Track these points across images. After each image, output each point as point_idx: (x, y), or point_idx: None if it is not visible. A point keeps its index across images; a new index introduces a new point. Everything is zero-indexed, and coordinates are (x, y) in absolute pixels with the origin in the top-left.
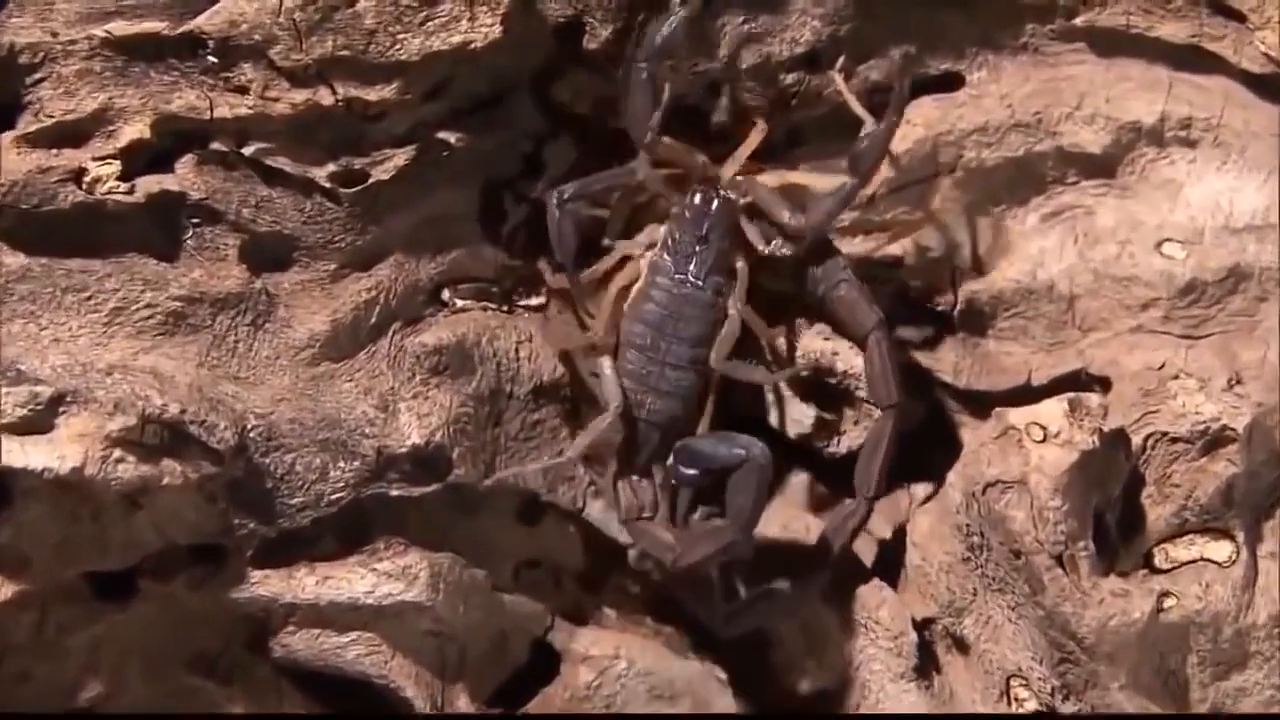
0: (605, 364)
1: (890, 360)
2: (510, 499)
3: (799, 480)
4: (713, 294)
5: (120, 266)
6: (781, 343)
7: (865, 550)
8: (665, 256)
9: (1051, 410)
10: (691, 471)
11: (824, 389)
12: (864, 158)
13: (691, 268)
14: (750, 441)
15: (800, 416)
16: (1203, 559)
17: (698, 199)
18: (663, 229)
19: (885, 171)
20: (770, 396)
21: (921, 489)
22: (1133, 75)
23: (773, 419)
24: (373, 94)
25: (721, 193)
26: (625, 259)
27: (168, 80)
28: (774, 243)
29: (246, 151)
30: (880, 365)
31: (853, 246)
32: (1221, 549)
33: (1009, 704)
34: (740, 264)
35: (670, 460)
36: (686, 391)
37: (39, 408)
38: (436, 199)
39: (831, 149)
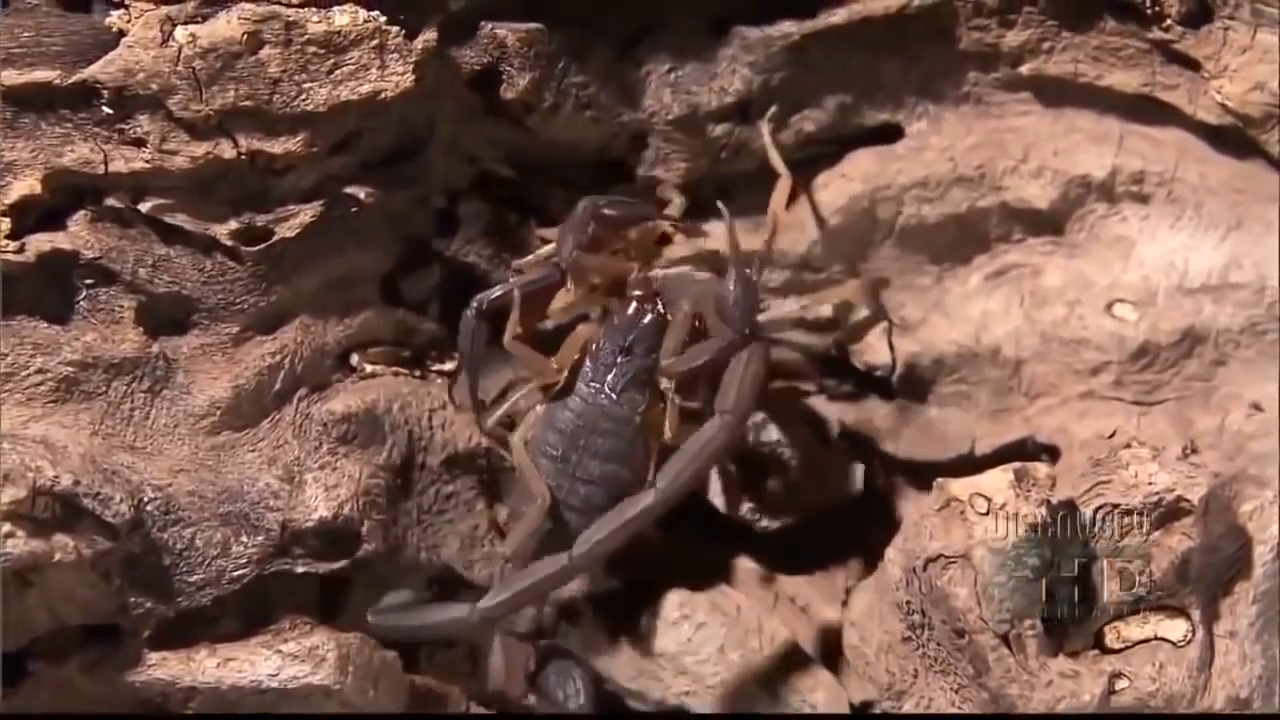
0: (521, 454)
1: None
2: (423, 575)
3: (738, 563)
4: (628, 410)
5: (9, 330)
6: None
7: (800, 629)
8: (587, 363)
9: (996, 481)
10: None
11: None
12: (732, 312)
13: (609, 378)
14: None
15: (730, 486)
16: (1157, 638)
17: (630, 310)
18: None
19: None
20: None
21: (859, 565)
22: (1082, 126)
23: (714, 494)
24: (277, 146)
25: (656, 310)
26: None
27: (60, 132)
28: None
29: (143, 208)
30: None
31: (785, 307)
32: (1176, 628)
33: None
34: (666, 383)
35: None
36: (596, 510)
37: None
38: (345, 258)
39: (761, 204)
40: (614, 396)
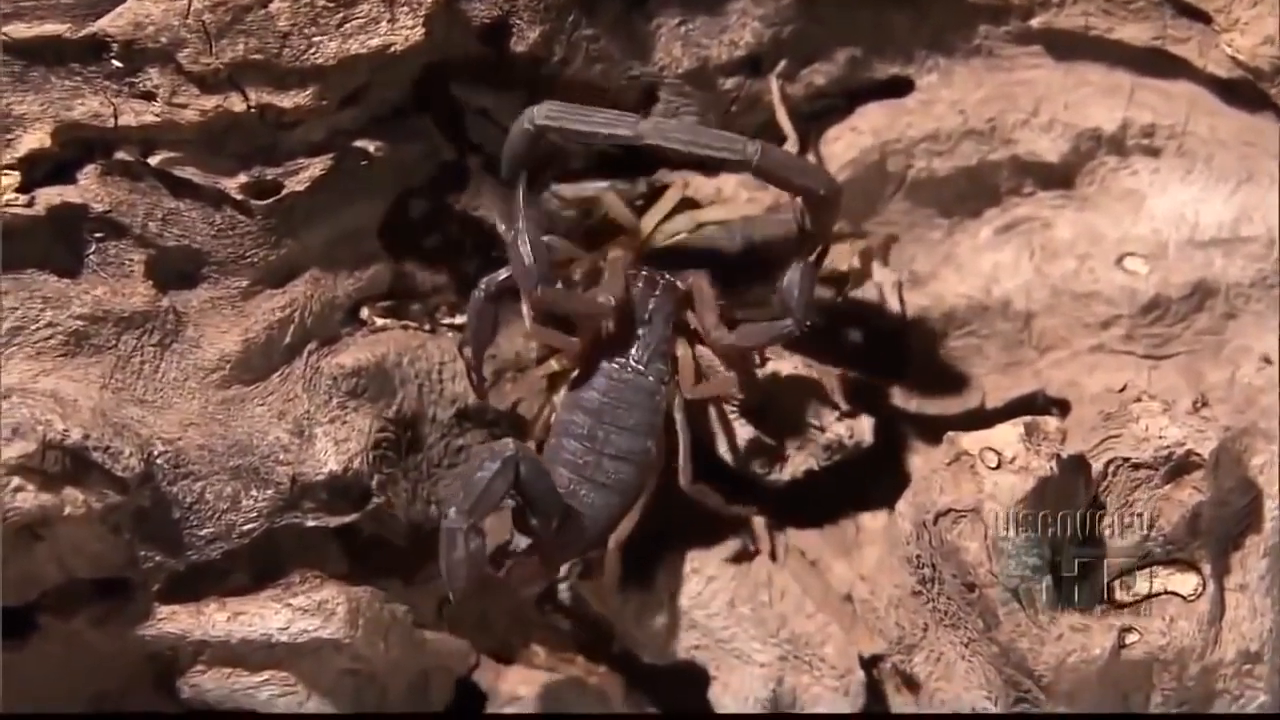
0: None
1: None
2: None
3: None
4: (655, 381)
5: (19, 283)
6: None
7: (810, 583)
8: (606, 337)
9: (1007, 435)
10: None
11: (766, 413)
12: (795, 301)
13: (633, 352)
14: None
15: (740, 439)
16: (1167, 592)
17: (641, 282)
18: None
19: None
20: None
21: (869, 518)
22: (1092, 80)
23: (721, 449)
24: (287, 100)
25: (665, 277)
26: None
27: (69, 86)
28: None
29: (153, 161)
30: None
31: None
32: (1186, 581)
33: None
34: (682, 351)
35: None
36: (625, 485)
37: None
38: (355, 211)
39: None
40: (641, 368)
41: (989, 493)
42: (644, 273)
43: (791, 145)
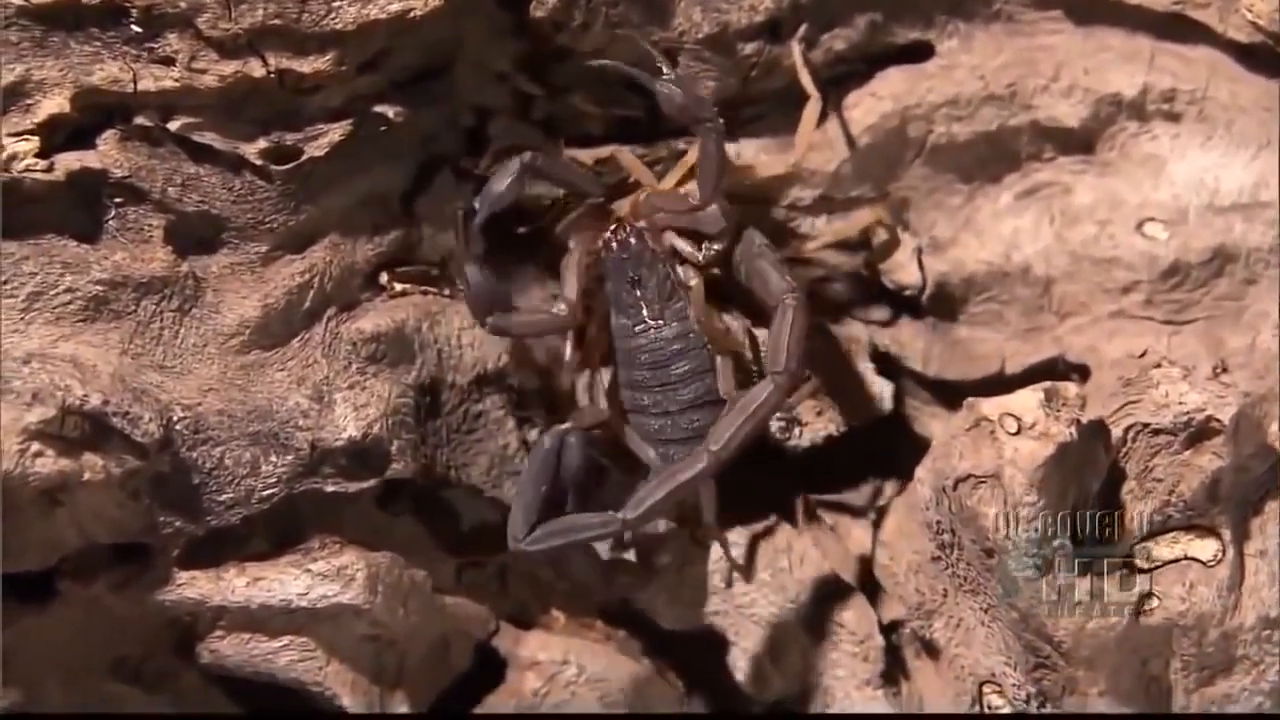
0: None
1: (798, 329)
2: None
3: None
4: (678, 324)
5: (38, 249)
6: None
7: (830, 549)
8: (616, 316)
9: (1026, 400)
10: None
11: None
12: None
13: (644, 312)
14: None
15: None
16: (1187, 558)
17: (613, 246)
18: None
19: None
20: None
21: (889, 484)
22: (1113, 45)
23: None
24: (306, 65)
25: (629, 228)
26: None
27: (89, 51)
28: (704, 246)
29: (172, 127)
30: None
31: (815, 226)
32: (1206, 547)
33: (981, 711)
34: (694, 280)
35: None
36: (707, 427)
37: None
38: (374, 177)
39: (790, 123)
40: (660, 322)
41: (1009, 458)
42: (609, 237)
43: (815, 104)
